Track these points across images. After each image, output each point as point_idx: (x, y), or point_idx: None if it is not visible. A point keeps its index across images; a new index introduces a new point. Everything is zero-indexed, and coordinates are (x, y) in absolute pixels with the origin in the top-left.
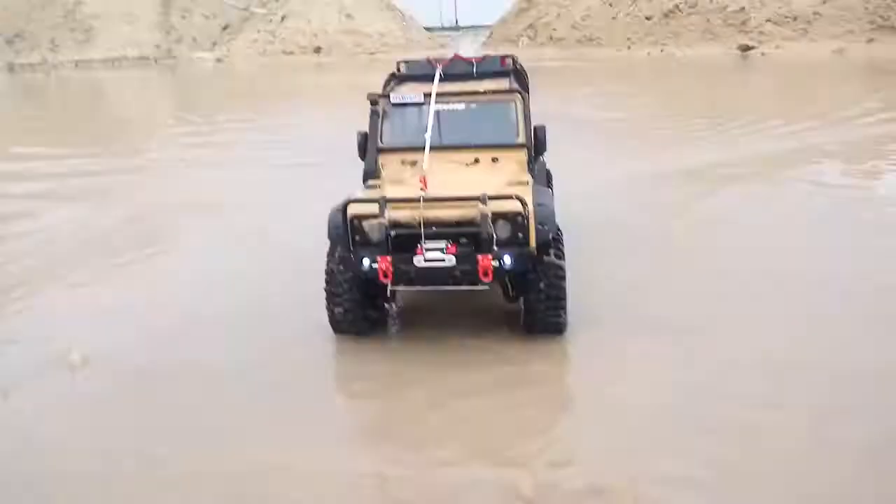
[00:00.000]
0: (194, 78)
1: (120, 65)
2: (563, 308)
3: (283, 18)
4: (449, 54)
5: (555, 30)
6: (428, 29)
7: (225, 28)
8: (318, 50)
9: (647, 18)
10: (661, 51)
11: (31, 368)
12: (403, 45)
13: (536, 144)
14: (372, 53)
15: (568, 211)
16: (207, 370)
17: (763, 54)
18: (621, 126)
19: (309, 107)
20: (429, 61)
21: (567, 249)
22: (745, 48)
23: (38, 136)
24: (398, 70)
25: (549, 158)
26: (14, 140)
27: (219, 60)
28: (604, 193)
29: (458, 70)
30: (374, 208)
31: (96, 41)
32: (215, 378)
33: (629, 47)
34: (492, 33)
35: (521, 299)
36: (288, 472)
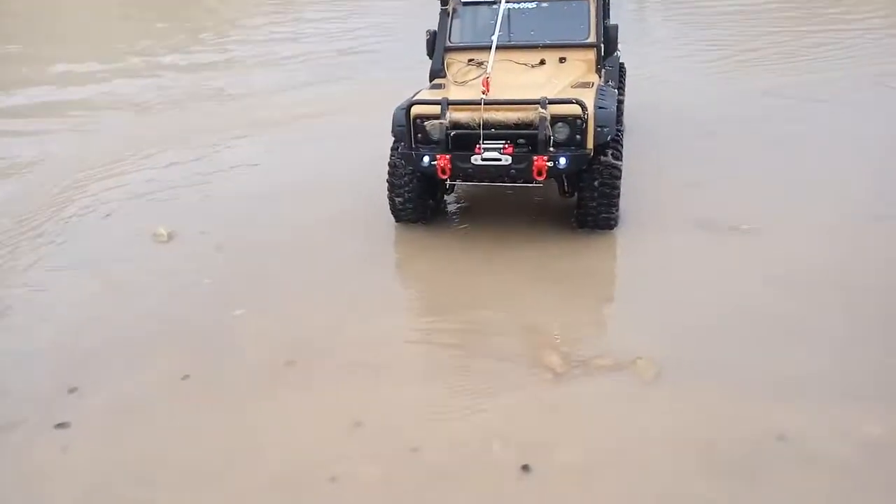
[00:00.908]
0: None
1: None
2: (616, 206)
3: None
4: None
5: None
6: None
7: None
8: None
9: None
10: None
11: (127, 238)
12: None
13: (607, 44)
14: None
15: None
16: (278, 247)
17: None
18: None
19: None
20: None
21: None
22: None
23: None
24: None
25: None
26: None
27: None
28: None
29: None
30: (436, 109)
31: None
32: (285, 253)
33: None
34: None
35: (576, 195)
36: (341, 333)
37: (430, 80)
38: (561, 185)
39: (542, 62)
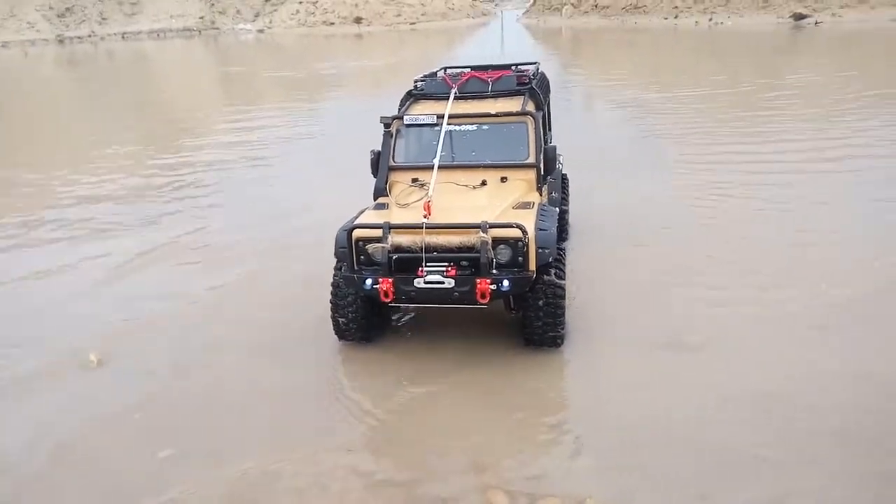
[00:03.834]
0: (235, 48)
1: (164, 36)
2: (562, 324)
3: None
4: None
5: None
6: None
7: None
8: (358, 20)
9: None
10: (710, 20)
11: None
12: (444, 13)
13: (546, 164)
14: (412, 24)
15: None
16: (214, 370)
17: (818, 24)
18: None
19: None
20: (445, 80)
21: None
22: (799, 17)
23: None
24: (415, 88)
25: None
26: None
27: (260, 31)
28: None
29: (473, 89)
30: (378, 232)
31: (143, 14)
32: (220, 377)
33: (676, 16)
34: (535, 1)
35: (522, 312)
36: (278, 479)
37: (374, 199)
38: (507, 303)
39: (484, 182)
